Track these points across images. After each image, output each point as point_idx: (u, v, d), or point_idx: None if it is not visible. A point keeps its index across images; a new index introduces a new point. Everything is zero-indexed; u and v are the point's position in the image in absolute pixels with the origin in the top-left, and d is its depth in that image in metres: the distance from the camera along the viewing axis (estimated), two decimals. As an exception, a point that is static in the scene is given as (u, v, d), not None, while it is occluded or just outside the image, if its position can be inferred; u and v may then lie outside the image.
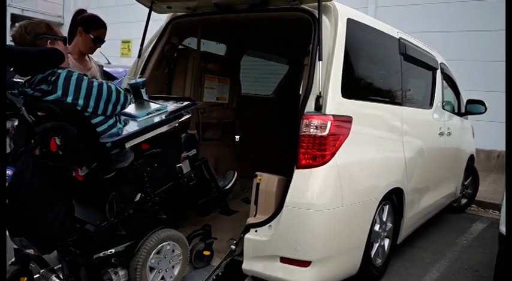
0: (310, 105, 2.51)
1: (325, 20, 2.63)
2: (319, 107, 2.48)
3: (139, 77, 2.62)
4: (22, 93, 2.08)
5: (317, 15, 2.59)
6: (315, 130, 2.45)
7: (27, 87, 2.06)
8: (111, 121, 2.19)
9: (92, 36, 2.89)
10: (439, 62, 4.40)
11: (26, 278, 2.41)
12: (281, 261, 2.50)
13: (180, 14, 3.33)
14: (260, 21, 3.33)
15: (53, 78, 2.04)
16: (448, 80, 4.77)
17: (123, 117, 2.32)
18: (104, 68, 5.49)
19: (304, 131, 2.47)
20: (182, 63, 3.66)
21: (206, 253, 2.76)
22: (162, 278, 2.43)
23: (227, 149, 4.33)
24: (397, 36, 3.41)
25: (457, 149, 4.83)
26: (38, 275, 2.46)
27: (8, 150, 2.20)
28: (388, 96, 3.28)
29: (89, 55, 3.06)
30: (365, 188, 2.77)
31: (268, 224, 2.54)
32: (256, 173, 2.79)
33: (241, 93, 4.46)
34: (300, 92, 5.35)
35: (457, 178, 4.98)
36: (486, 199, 5.87)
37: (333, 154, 2.47)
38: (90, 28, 2.88)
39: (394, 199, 3.22)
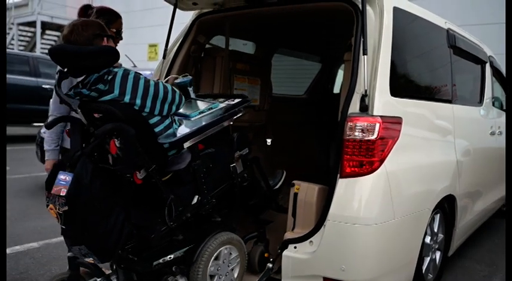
0: (354, 106, 2.22)
1: (369, 9, 2.34)
2: (365, 108, 2.19)
3: (185, 76, 2.44)
4: (78, 94, 1.98)
5: (360, 5, 2.30)
6: (361, 134, 2.16)
7: (81, 87, 1.97)
8: (167, 122, 2.09)
9: (114, 30, 2.63)
10: (488, 55, 4.03)
11: None
12: (324, 282, 2.23)
13: (206, 11, 3.11)
14: (293, 15, 3.07)
15: (110, 77, 1.94)
16: (497, 74, 4.38)
17: (176, 118, 2.20)
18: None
19: (349, 135, 2.18)
20: (210, 64, 3.43)
21: (266, 255, 2.55)
22: None
23: (259, 154, 4.08)
24: (446, 27, 3.08)
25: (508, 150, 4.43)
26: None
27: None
28: (437, 94, 2.96)
29: None
30: (417, 198, 2.47)
31: (309, 240, 2.28)
32: (294, 181, 2.53)
33: (272, 94, 4.20)
34: (335, 91, 5.16)
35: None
36: (539, 202, 5.41)
37: (382, 161, 2.18)
38: (109, 22, 2.58)
39: (446, 207, 2.90)
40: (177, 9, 3.09)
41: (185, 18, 3.23)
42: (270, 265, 2.46)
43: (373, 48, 2.29)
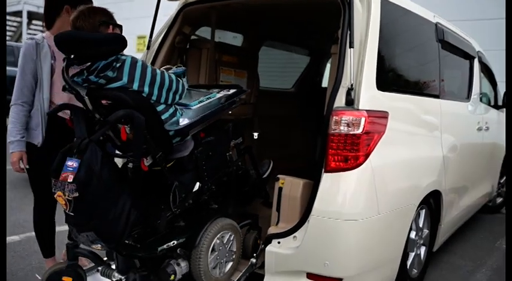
0: (340, 100, 2.18)
1: (356, 2, 2.29)
2: (350, 101, 2.15)
3: (178, 66, 2.40)
4: (86, 81, 1.96)
5: (347, -4, 2.26)
6: (347, 128, 2.13)
7: (87, 74, 1.95)
8: (171, 110, 2.11)
9: None
10: (477, 50, 4.02)
11: (70, 279, 2.24)
12: (308, 277, 2.20)
13: (192, 1, 3.03)
14: (280, 7, 3.01)
15: (118, 64, 1.94)
16: (485, 69, 4.38)
17: (178, 107, 2.20)
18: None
19: (334, 129, 2.15)
20: (195, 55, 3.36)
21: (259, 241, 2.58)
22: (218, 266, 2.34)
23: (245, 147, 4.04)
24: (434, 21, 3.04)
25: (494, 145, 4.44)
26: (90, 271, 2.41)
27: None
28: (425, 88, 2.93)
29: None
30: (403, 193, 2.45)
31: (292, 235, 2.24)
32: (278, 175, 2.49)
33: (259, 87, 4.14)
34: (323, 85, 5.12)
35: (493, 175, 4.61)
36: (523, 197, 5.45)
37: (367, 155, 2.15)
38: (78, 4, 2.39)
39: (431, 202, 2.89)
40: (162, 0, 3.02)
41: (172, 9, 3.16)
42: (254, 260, 2.42)
43: (360, 41, 2.24)
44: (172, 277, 2.14)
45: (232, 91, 2.46)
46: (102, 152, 1.92)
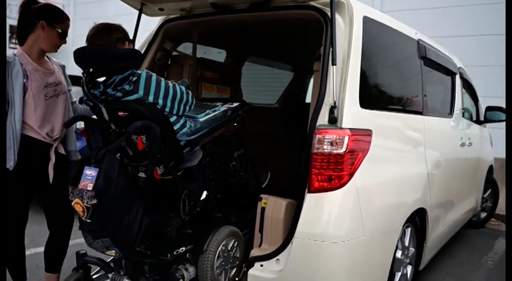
0: (323, 117, 2.13)
1: (338, 19, 2.26)
2: (333, 120, 2.10)
3: (183, 81, 2.41)
4: (104, 93, 2.05)
5: (329, 14, 2.23)
6: (330, 147, 2.08)
7: (103, 88, 2.04)
8: (182, 121, 2.20)
9: (60, 31, 2.39)
10: (458, 66, 4.05)
11: None
12: (292, 302, 2.13)
13: (173, 17, 2.99)
14: (262, 23, 2.98)
15: (134, 78, 2.04)
16: (466, 85, 4.41)
17: (187, 118, 2.30)
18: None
19: (317, 148, 2.09)
20: (177, 72, 3.29)
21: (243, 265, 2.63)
22: (223, 272, 2.41)
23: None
24: (416, 38, 3.05)
25: (477, 160, 4.46)
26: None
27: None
28: (408, 105, 2.91)
29: (47, 55, 2.54)
30: (388, 212, 2.40)
31: (275, 258, 2.17)
32: (261, 195, 2.42)
33: (242, 103, 4.09)
34: (307, 101, 5.09)
35: (477, 190, 4.61)
36: (507, 212, 5.47)
37: (351, 175, 2.10)
38: (55, 21, 2.37)
39: (417, 220, 2.85)
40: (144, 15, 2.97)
41: (153, 24, 3.10)
42: (236, 285, 2.35)
43: (343, 58, 2.21)
44: None
45: (235, 104, 2.60)
46: (119, 161, 2.04)
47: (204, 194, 2.40)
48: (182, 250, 2.25)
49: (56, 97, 2.46)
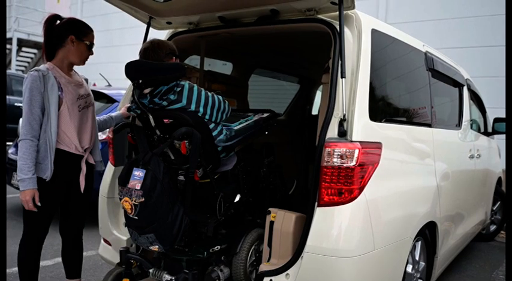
0: (332, 130, 2.12)
1: (346, 31, 2.26)
2: (343, 133, 2.09)
3: (217, 93, 2.53)
4: (151, 102, 2.25)
5: (337, 27, 2.23)
6: (340, 160, 2.06)
7: (151, 97, 2.24)
8: (219, 128, 2.38)
9: (87, 43, 2.48)
10: (465, 78, 4.03)
11: (128, 280, 2.44)
12: (302, 318, 2.09)
13: (181, 30, 3.00)
14: (270, 36, 2.99)
15: (178, 89, 2.24)
16: (474, 97, 4.39)
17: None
18: (104, 91, 5.21)
19: (327, 162, 2.07)
20: (184, 84, 3.30)
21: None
22: (254, 272, 2.50)
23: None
24: (424, 50, 3.04)
25: (486, 172, 4.42)
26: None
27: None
28: (417, 118, 2.89)
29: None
30: (399, 226, 2.36)
31: (285, 273, 2.14)
32: (270, 209, 2.40)
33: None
34: (313, 113, 5.09)
35: (486, 203, 4.56)
36: (517, 224, 5.40)
37: (361, 188, 2.08)
38: (82, 34, 2.47)
39: (427, 233, 2.81)
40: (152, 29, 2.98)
41: (162, 37, 3.11)
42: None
43: (352, 71, 2.20)
44: None
45: (265, 115, 2.76)
46: (164, 163, 2.21)
47: (238, 197, 2.56)
48: (217, 248, 2.42)
49: (86, 109, 2.56)
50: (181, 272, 2.31)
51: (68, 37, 2.43)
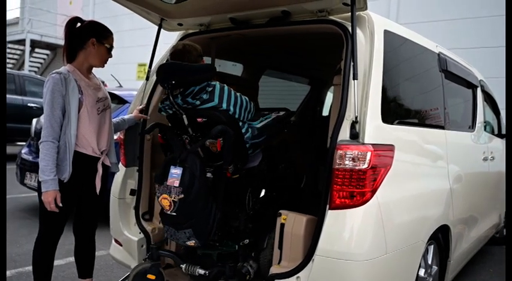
0: (344, 133, 2.10)
1: (359, 33, 2.24)
2: (355, 135, 2.07)
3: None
4: (185, 102, 2.34)
5: (349, 28, 2.21)
6: (352, 163, 2.04)
7: (183, 97, 2.33)
8: (245, 126, 2.47)
9: (108, 46, 2.51)
10: (479, 79, 3.98)
11: (154, 277, 2.49)
12: (313, 322, 2.07)
13: (192, 32, 3.00)
14: (281, 37, 2.98)
15: (210, 89, 2.34)
16: (488, 98, 4.33)
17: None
18: (115, 92, 5.23)
19: (339, 164, 2.05)
20: (195, 85, 3.31)
21: None
22: None
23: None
24: (437, 51, 3.01)
25: (500, 175, 4.34)
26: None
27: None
28: (430, 119, 2.86)
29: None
30: (411, 230, 2.34)
31: (296, 276, 2.12)
32: (280, 211, 2.38)
33: (260, 116, 4.08)
34: (324, 114, 5.06)
35: (500, 206, 4.48)
36: (531, 228, 5.30)
37: (373, 191, 2.05)
38: (103, 37, 2.49)
39: (440, 237, 2.77)
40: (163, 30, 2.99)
41: (173, 38, 3.12)
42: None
43: (364, 72, 2.18)
44: (247, 277, 2.42)
45: (282, 113, 2.81)
46: (200, 161, 2.28)
47: (263, 192, 2.66)
48: (246, 241, 2.51)
49: (104, 111, 2.58)
50: (214, 266, 2.39)
51: (89, 40, 2.46)
